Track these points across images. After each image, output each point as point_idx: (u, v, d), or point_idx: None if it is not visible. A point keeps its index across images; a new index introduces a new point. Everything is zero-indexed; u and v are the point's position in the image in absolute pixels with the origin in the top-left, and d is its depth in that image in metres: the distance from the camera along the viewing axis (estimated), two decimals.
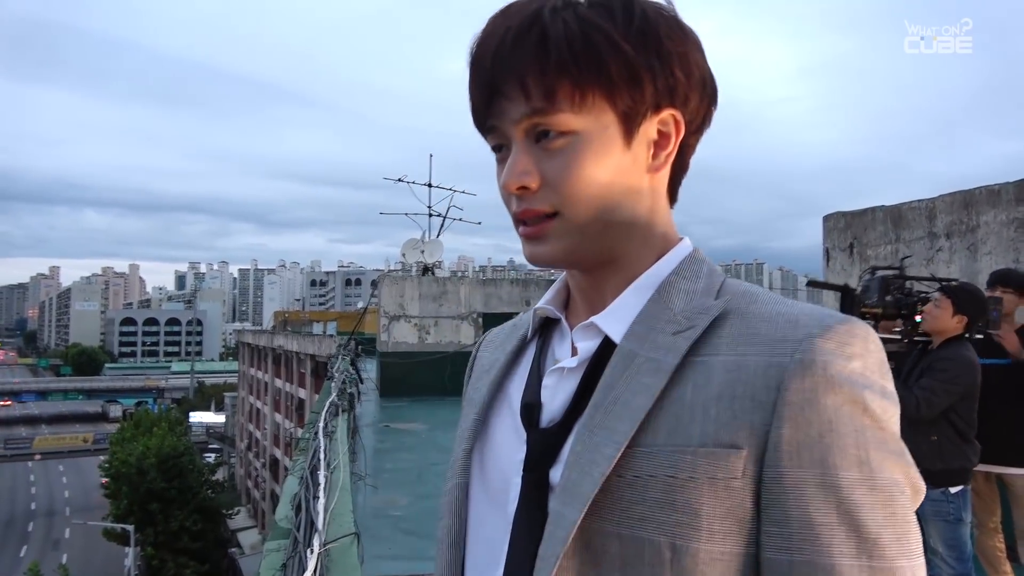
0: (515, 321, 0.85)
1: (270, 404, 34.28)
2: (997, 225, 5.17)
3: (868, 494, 0.56)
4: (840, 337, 0.59)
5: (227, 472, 45.08)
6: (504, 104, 0.66)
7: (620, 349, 0.67)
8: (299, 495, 2.69)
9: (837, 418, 0.57)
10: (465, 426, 0.78)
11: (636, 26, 0.64)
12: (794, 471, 0.57)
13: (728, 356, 0.62)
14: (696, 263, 0.71)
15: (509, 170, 0.67)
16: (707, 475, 0.58)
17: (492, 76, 0.66)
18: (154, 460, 28.73)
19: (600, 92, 0.64)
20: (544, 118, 0.65)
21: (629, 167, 0.67)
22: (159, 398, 72.69)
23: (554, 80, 0.63)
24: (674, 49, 0.66)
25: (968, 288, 3.49)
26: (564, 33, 0.63)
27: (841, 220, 6.62)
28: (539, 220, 0.67)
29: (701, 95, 0.69)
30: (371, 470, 6.66)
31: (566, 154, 0.65)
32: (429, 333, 13.20)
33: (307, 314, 52.95)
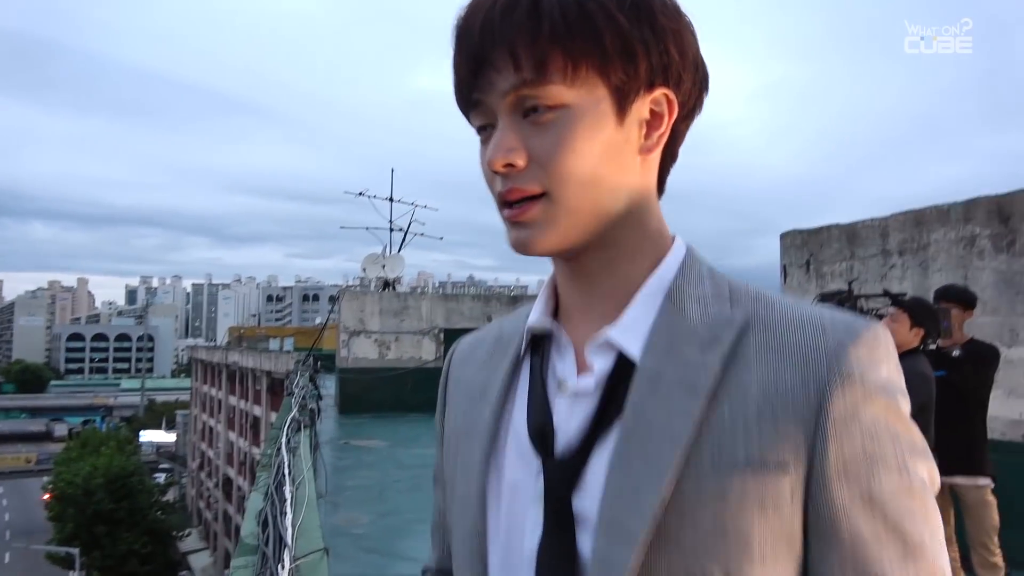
0: (495, 334, 0.78)
1: (224, 422, 33.53)
2: (947, 243, 5.35)
3: (908, 500, 0.58)
4: (869, 343, 0.59)
5: (178, 492, 43.87)
6: (492, 75, 0.62)
7: (643, 367, 0.63)
8: (265, 511, 2.64)
9: (876, 429, 0.58)
10: (471, 460, 0.71)
11: (631, 2, 0.61)
12: (842, 487, 0.57)
13: (761, 371, 0.59)
14: (696, 262, 0.68)
15: (495, 146, 0.62)
16: (757, 500, 0.57)
17: (479, 45, 0.61)
18: (101, 480, 27.88)
19: (593, 64, 0.61)
20: (534, 90, 0.61)
21: (622, 146, 0.63)
22: (107, 416, 70.66)
23: (546, 49, 0.60)
24: (668, 26, 0.63)
25: (922, 302, 3.61)
26: (557, 2, 0.60)
27: (798, 238, 6.77)
28: (526, 201, 0.63)
29: (694, 77, 0.66)
30: (331, 488, 6.57)
31: (556, 129, 0.61)
32: (390, 349, 13.10)
33: (263, 330, 52.05)
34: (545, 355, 0.70)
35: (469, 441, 0.72)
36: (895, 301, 3.64)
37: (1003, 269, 4.98)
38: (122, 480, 28.52)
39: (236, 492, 28.76)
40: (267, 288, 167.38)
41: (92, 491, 27.56)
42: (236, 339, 43.82)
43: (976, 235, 5.15)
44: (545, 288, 0.73)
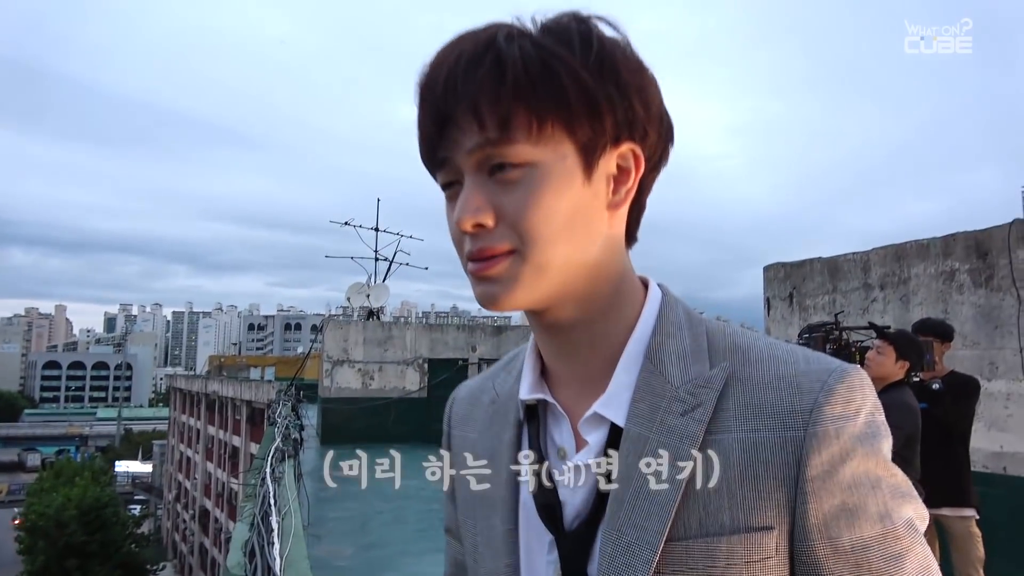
0: (490, 396, 0.78)
1: (202, 452, 32.97)
2: (927, 277, 5.45)
3: (892, 544, 0.59)
4: (843, 396, 0.60)
5: (153, 525, 42.98)
6: (456, 134, 0.61)
7: (628, 434, 0.64)
8: (251, 541, 2.61)
9: (855, 481, 0.60)
10: (494, 535, 0.71)
11: (594, 55, 0.61)
12: (823, 541, 0.59)
13: (741, 433, 0.61)
14: (672, 310, 0.69)
15: (462, 206, 0.61)
16: (744, 559, 0.59)
17: (443, 103, 0.61)
18: (75, 512, 27.22)
19: (558, 121, 0.60)
20: (499, 149, 0.60)
21: (590, 202, 0.63)
22: (82, 446, 69.15)
23: (510, 107, 0.59)
24: (632, 81, 0.63)
25: (908, 335, 3.67)
26: (520, 58, 0.59)
27: (781, 270, 6.86)
28: (493, 258, 0.62)
29: (659, 130, 0.66)
30: (314, 519, 6.48)
31: (523, 187, 0.60)
32: (373, 378, 13.01)
33: (244, 359, 51.48)
34: (541, 423, 0.71)
35: (488, 511, 0.73)
36: (880, 334, 3.69)
37: (982, 303, 5.07)
38: (96, 512, 27.87)
39: (213, 524, 28.19)
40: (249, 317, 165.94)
41: (64, 523, 26.88)
42: (216, 368, 43.28)
43: (955, 270, 5.25)
44: (530, 355, 0.73)
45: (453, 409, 0.84)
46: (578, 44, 0.61)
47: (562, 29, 0.62)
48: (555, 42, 0.61)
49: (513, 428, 0.73)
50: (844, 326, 4.49)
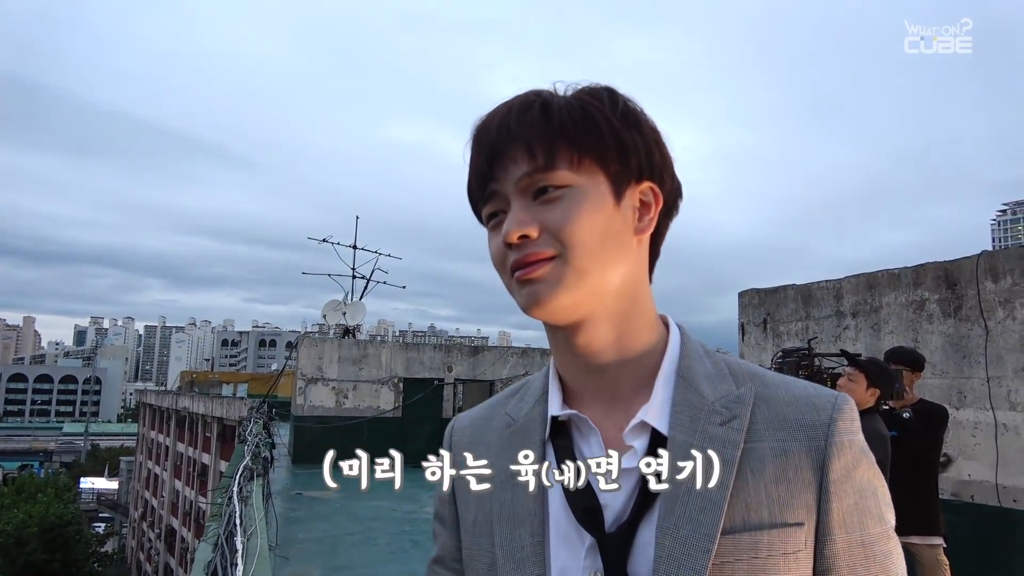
0: (504, 421, 0.81)
1: (170, 470, 32.34)
2: (898, 306, 5.52)
3: (887, 542, 0.71)
4: (849, 415, 0.72)
5: (117, 543, 41.99)
6: (508, 166, 0.72)
7: (673, 440, 0.71)
8: (214, 562, 2.54)
9: (863, 485, 0.71)
10: (519, 547, 0.73)
11: (621, 109, 0.73)
12: (842, 536, 0.69)
13: (771, 443, 0.70)
14: (691, 341, 0.78)
15: (510, 222, 0.70)
16: (781, 551, 0.68)
17: (498, 142, 0.72)
18: (36, 529, 26.56)
19: (594, 157, 0.71)
20: (545, 174, 0.70)
21: (619, 224, 0.72)
22: (46, 461, 67.59)
23: (556, 142, 0.70)
24: (651, 134, 0.75)
25: (878, 363, 3.70)
26: (565, 106, 0.72)
27: (755, 297, 6.92)
28: (537, 263, 0.70)
29: (672, 181, 0.77)
30: (282, 540, 6.36)
31: (564, 203, 0.70)
32: (347, 397, 12.87)
33: (216, 375, 50.76)
34: (565, 436, 0.76)
35: (512, 527, 0.75)
36: (852, 361, 3.72)
37: (951, 333, 5.14)
38: (58, 529, 27.21)
39: (179, 544, 27.59)
40: (223, 332, 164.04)
41: (25, 541, 26.20)
42: (187, 384, 42.61)
43: (925, 299, 5.33)
44: (553, 379, 0.79)
45: (455, 437, 0.85)
46: (608, 100, 0.74)
47: (594, 91, 0.75)
48: (591, 97, 0.73)
49: (538, 447, 0.76)
50: (817, 352, 4.54)
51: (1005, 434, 4.78)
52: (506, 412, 0.82)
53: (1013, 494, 4.68)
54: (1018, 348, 4.77)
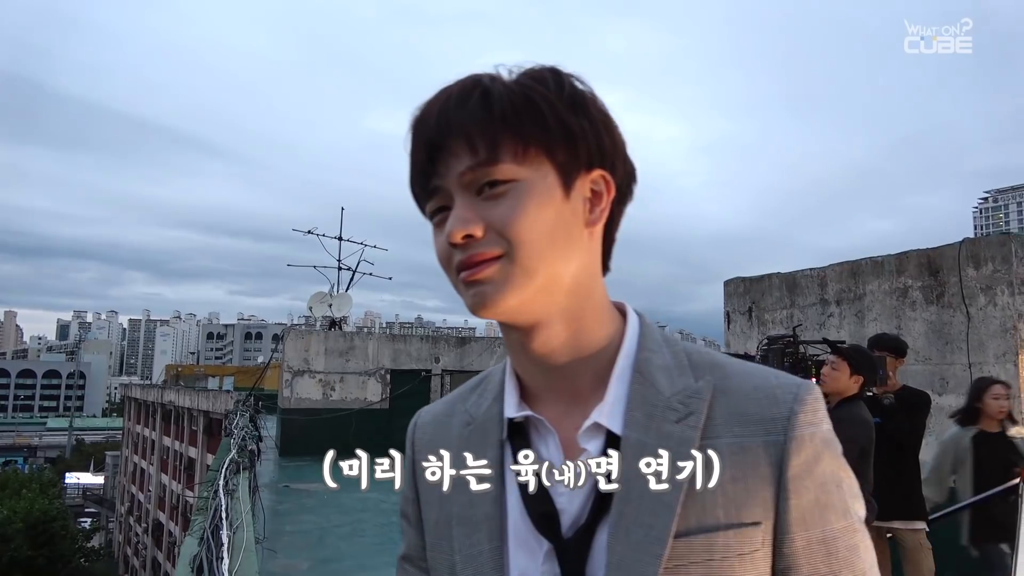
0: (463, 419, 0.78)
1: (156, 464, 32.19)
2: (881, 294, 5.57)
3: (853, 536, 0.68)
4: (810, 406, 0.68)
5: (104, 538, 41.78)
6: (450, 160, 0.67)
7: (627, 439, 0.68)
8: (200, 556, 2.53)
9: (825, 479, 0.68)
10: (477, 551, 0.71)
11: (567, 92, 0.69)
12: (801, 533, 0.67)
13: (728, 439, 0.67)
14: (651, 331, 0.75)
15: (453, 221, 0.66)
16: (737, 552, 0.65)
17: (437, 134, 0.67)
18: (21, 525, 26.36)
19: (540, 146, 0.67)
20: (488, 168, 0.66)
21: (569, 217, 0.68)
22: (30, 457, 67.02)
23: (498, 133, 0.66)
24: (600, 118, 0.71)
25: (861, 350, 3.71)
26: (505, 92, 0.67)
27: (740, 285, 6.95)
28: (484, 263, 0.66)
29: (624, 165, 0.73)
30: (269, 533, 6.35)
31: (510, 199, 0.66)
32: (334, 389, 12.84)
33: (202, 368, 50.48)
34: (523, 438, 0.73)
35: (470, 531, 0.72)
36: (835, 349, 3.72)
37: (933, 320, 5.19)
38: (43, 525, 27.01)
39: (167, 538, 27.50)
40: (208, 325, 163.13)
41: (9, 537, 25.99)
42: (173, 377, 42.35)
43: (908, 287, 5.38)
44: (510, 377, 0.76)
45: (416, 434, 0.83)
46: (553, 84, 0.69)
47: (538, 74, 0.70)
48: (534, 81, 0.69)
49: (496, 448, 0.73)
50: (802, 340, 4.56)
51: None
52: (466, 409, 0.79)
53: None
54: (999, 334, 4.83)
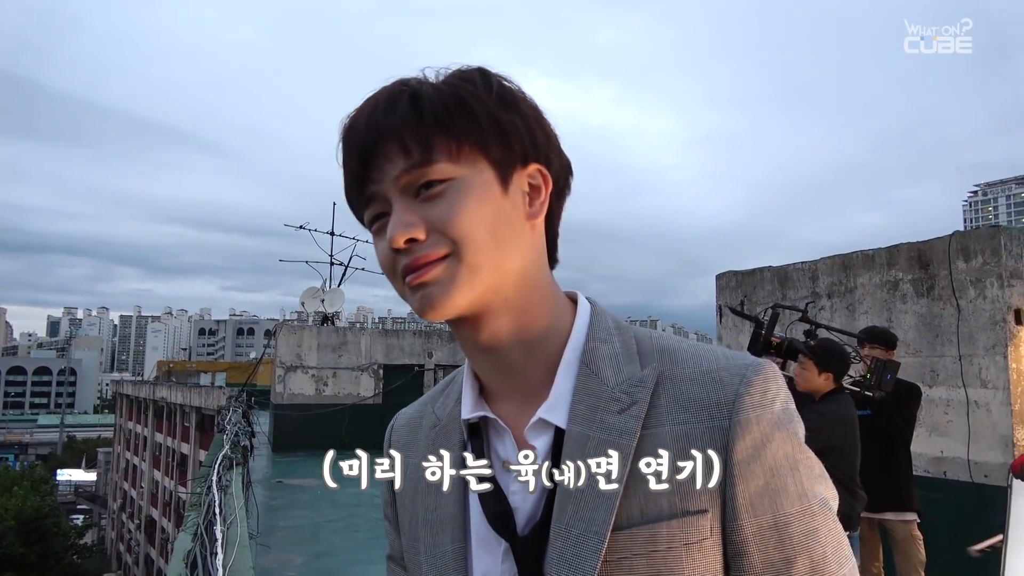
0: (431, 421, 0.80)
1: (149, 460, 32.08)
2: (872, 287, 5.59)
3: (810, 521, 0.65)
4: (761, 387, 0.66)
5: (96, 535, 41.65)
6: (384, 165, 0.66)
7: (570, 433, 0.68)
8: (194, 552, 2.53)
9: (776, 463, 0.65)
10: (441, 552, 0.73)
11: (496, 90, 0.69)
12: (751, 520, 0.64)
13: (672, 426, 0.66)
14: (601, 319, 0.74)
15: (394, 225, 0.66)
16: (683, 541, 0.64)
17: (368, 140, 0.67)
18: (12, 523, 26.30)
19: (473, 144, 0.67)
20: (424, 169, 0.65)
21: (509, 212, 0.68)
22: (21, 454, 66.73)
23: (430, 133, 0.66)
24: (531, 113, 0.71)
25: (826, 345, 3.54)
26: (435, 93, 0.67)
27: (732, 279, 6.97)
28: (428, 264, 0.66)
29: (560, 160, 0.73)
30: (263, 528, 6.35)
31: (448, 197, 0.66)
32: (327, 385, 12.82)
33: (194, 364, 50.30)
34: (485, 439, 0.74)
35: (435, 532, 0.74)
36: (800, 348, 3.54)
37: (923, 312, 5.22)
38: (35, 522, 26.95)
39: (160, 534, 27.44)
40: (199, 321, 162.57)
41: (1, 534, 25.91)
42: (165, 373, 42.22)
43: (899, 280, 5.41)
44: (468, 376, 0.77)
45: (393, 437, 0.85)
46: (481, 83, 0.69)
47: (466, 74, 0.70)
48: (462, 81, 0.69)
49: (458, 449, 0.75)
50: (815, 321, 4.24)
51: (976, 411, 4.87)
52: (433, 411, 0.80)
53: (984, 469, 4.78)
54: (988, 327, 4.86)
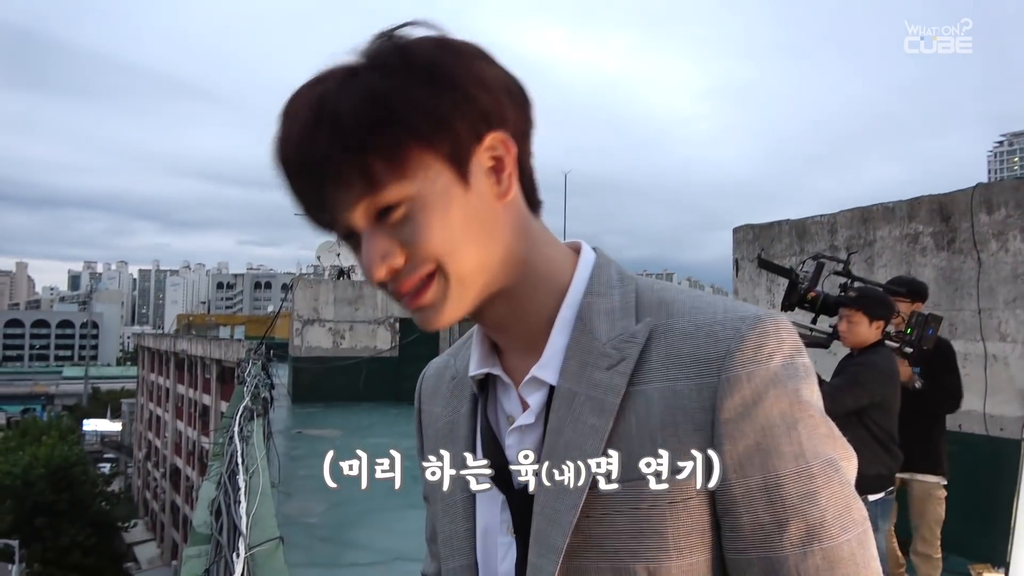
0: (451, 373, 0.82)
1: (172, 411, 32.81)
2: (892, 240, 5.53)
3: (808, 482, 0.61)
4: (755, 342, 0.63)
5: (123, 483, 42.87)
6: (329, 203, 0.64)
7: (559, 390, 0.68)
8: (218, 500, 2.60)
9: (770, 422, 0.62)
10: (452, 501, 0.75)
11: (420, 72, 0.62)
12: (739, 480, 0.62)
13: (661, 383, 0.64)
14: (603, 271, 0.72)
15: (369, 260, 0.64)
16: (666, 500, 0.62)
17: (304, 180, 0.63)
18: (43, 471, 27.03)
19: (414, 149, 0.61)
20: (374, 198, 0.62)
21: (477, 205, 0.65)
22: (48, 405, 68.32)
23: (364, 161, 0.60)
24: (466, 75, 0.63)
25: (871, 293, 3.45)
26: (354, 109, 0.60)
27: (750, 232, 6.91)
28: (421, 284, 0.65)
29: (511, 103, 0.67)
30: (284, 477, 6.50)
31: (411, 219, 0.63)
32: (344, 338, 12.97)
33: (213, 317, 50.97)
34: (492, 392, 0.76)
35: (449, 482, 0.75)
36: (844, 301, 3.41)
37: (943, 266, 5.17)
38: (64, 470, 27.71)
39: (184, 482, 28.20)
40: (217, 275, 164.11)
41: (32, 482, 26.71)
42: (185, 327, 42.85)
43: (919, 233, 5.34)
44: (478, 331, 0.76)
45: (423, 385, 0.87)
46: (402, 68, 0.62)
47: (382, 61, 0.63)
48: (381, 75, 0.62)
49: (469, 401, 0.77)
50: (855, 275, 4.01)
51: (994, 365, 4.85)
52: (455, 362, 0.81)
53: (1000, 423, 4.77)
54: (1010, 280, 4.80)
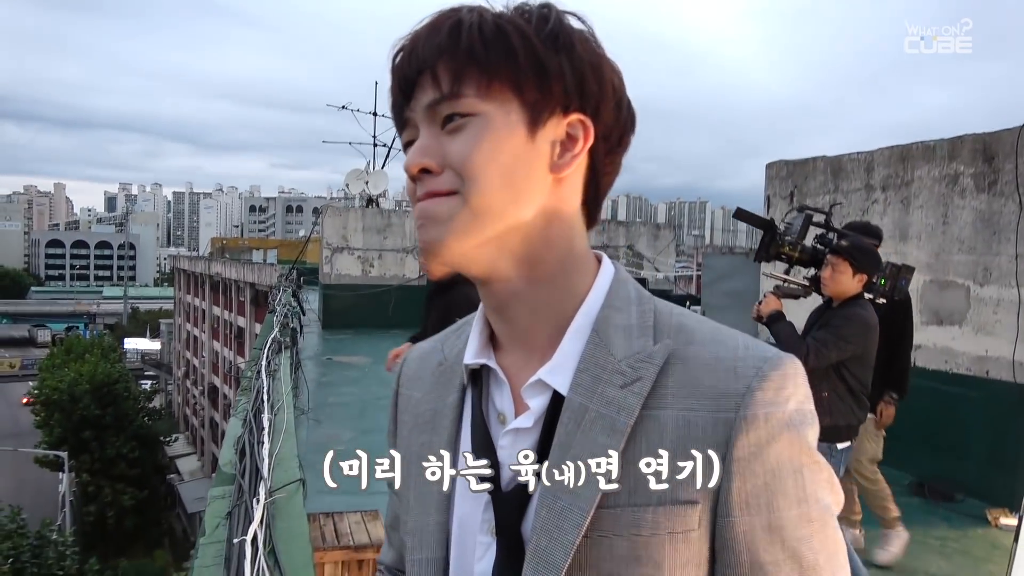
0: (439, 358, 0.80)
1: (208, 332, 33.69)
2: (930, 180, 5.34)
3: (807, 526, 0.63)
4: (776, 384, 0.63)
5: (164, 399, 44.52)
6: (417, 94, 0.67)
7: (569, 403, 0.66)
8: (243, 439, 2.69)
9: (779, 465, 0.62)
10: (427, 492, 0.72)
11: (549, 28, 0.65)
12: (743, 518, 0.62)
13: (676, 411, 0.63)
14: (622, 286, 0.71)
15: (412, 152, 0.66)
16: (667, 530, 0.62)
17: (407, 68, 0.66)
18: (87, 387, 28.09)
19: (507, 81, 0.64)
20: (451, 101, 0.65)
21: (531, 159, 0.66)
22: (91, 323, 70.57)
23: (462, 65, 0.64)
24: (587, 58, 0.66)
25: (861, 247, 3.39)
26: (477, 23, 0.64)
27: (783, 169, 6.74)
28: (439, 196, 0.65)
29: (616, 113, 0.69)
30: (313, 404, 6.68)
31: (467, 133, 0.65)
32: (373, 266, 13.07)
33: (246, 241, 51.62)
34: (484, 387, 0.73)
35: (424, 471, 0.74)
36: (834, 248, 3.36)
37: (983, 208, 5.00)
38: (108, 387, 28.74)
39: (222, 400, 29.18)
40: (249, 199, 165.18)
41: (78, 397, 27.80)
42: (218, 250, 43.50)
43: (960, 173, 5.15)
44: (479, 321, 0.75)
45: (404, 368, 0.85)
46: (536, 19, 0.66)
47: (524, 9, 0.67)
48: (514, 15, 0.66)
49: (457, 392, 0.75)
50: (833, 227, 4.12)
51: None
52: (443, 349, 0.80)
53: None
54: None
